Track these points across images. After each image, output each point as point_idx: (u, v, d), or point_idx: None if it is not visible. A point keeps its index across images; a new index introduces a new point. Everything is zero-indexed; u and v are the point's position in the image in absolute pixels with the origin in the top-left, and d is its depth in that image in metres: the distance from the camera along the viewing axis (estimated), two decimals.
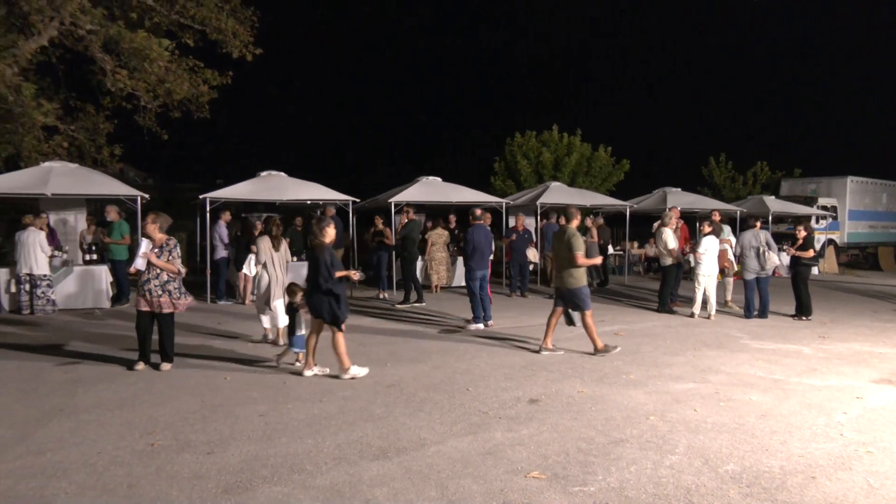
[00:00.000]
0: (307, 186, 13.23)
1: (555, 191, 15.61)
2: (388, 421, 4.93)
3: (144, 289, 6.47)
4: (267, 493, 3.66)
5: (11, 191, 10.84)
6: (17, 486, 3.71)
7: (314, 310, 6.24)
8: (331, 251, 6.22)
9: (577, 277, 7.22)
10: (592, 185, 20.65)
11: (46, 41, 13.32)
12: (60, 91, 15.58)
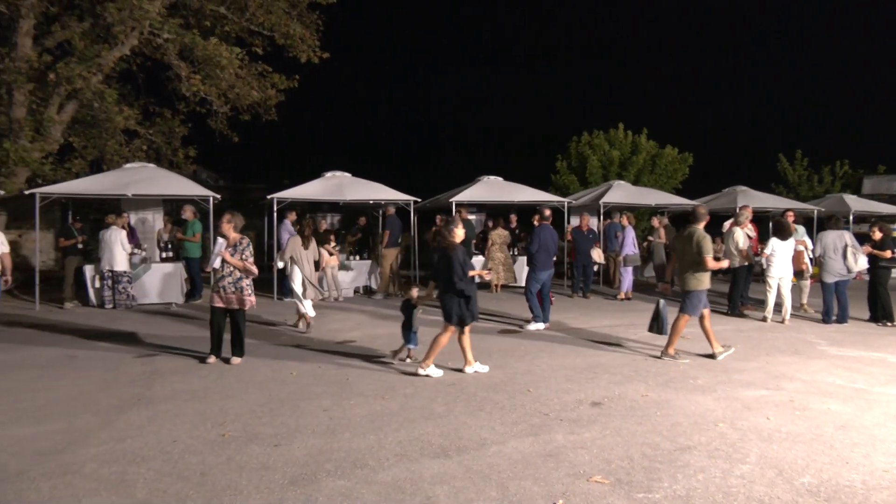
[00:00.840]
0: (370, 186, 13.45)
1: (618, 190, 15.28)
2: (449, 420, 4.95)
3: (219, 286, 6.69)
4: (331, 486, 3.74)
5: (96, 192, 11.54)
6: (101, 470, 3.94)
7: (442, 306, 6.31)
8: (463, 251, 6.27)
9: (701, 280, 6.97)
10: (657, 184, 20.10)
11: (128, 50, 14.08)
12: (140, 97, 16.48)
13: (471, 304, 6.26)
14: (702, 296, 7.01)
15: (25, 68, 13.05)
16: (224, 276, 6.68)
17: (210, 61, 14.11)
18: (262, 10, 15.00)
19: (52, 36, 14.07)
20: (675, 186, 20.86)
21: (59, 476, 3.84)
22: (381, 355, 7.26)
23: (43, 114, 13.69)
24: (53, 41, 14.18)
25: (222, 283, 6.69)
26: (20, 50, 13.25)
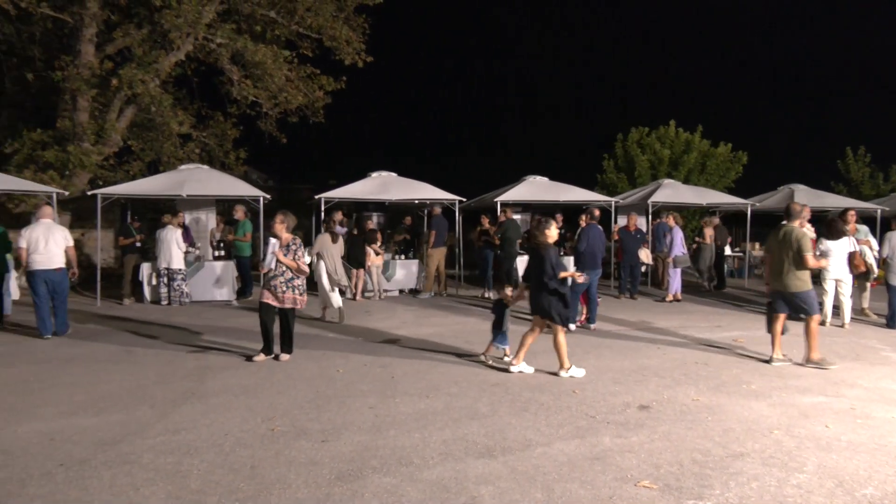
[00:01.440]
0: (416, 186, 13.54)
1: (667, 189, 14.94)
2: (494, 420, 4.94)
3: (271, 284, 6.77)
4: (377, 482, 3.78)
5: (153, 192, 11.98)
6: (158, 460, 4.09)
7: (539, 309, 6.31)
8: (555, 251, 6.29)
9: (805, 280, 6.75)
10: (709, 183, 19.55)
11: (183, 55, 14.58)
12: (194, 101, 17.04)
13: (568, 303, 6.25)
14: (814, 292, 6.83)
15: (88, 75, 13.65)
16: (276, 275, 6.75)
17: (260, 65, 14.47)
18: (311, 13, 15.30)
19: (113, 43, 14.68)
20: (728, 185, 20.26)
21: (118, 465, 4.01)
22: (426, 354, 7.30)
23: (104, 118, 14.29)
24: (114, 48, 14.79)
25: (274, 282, 6.76)
26: (83, 57, 13.87)
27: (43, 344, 7.89)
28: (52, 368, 6.59)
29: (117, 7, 14.61)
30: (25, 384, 5.94)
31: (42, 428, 4.70)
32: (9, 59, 16.03)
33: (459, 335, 8.50)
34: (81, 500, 3.53)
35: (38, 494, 3.60)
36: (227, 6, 14.78)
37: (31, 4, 13.20)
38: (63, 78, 13.52)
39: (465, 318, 9.93)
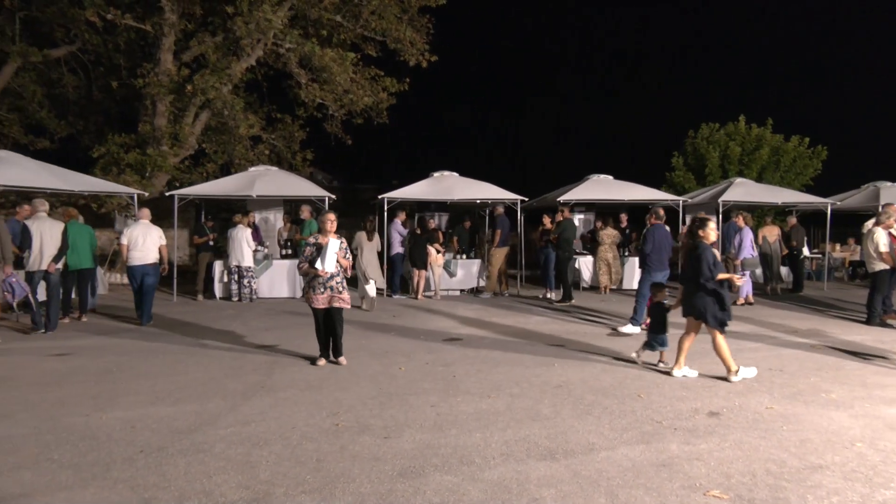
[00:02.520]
0: (478, 186, 13.55)
1: (739, 187, 14.34)
2: (556, 422, 4.88)
3: (327, 285, 6.56)
4: (438, 480, 3.80)
5: (225, 193, 12.48)
6: (229, 451, 4.26)
7: (694, 310, 6.14)
8: (713, 252, 6.11)
9: None
10: (784, 181, 18.63)
11: (254, 61, 15.12)
12: (264, 105, 17.65)
13: (725, 305, 6.02)
14: None
15: (167, 81, 14.37)
16: (333, 275, 6.59)
17: (327, 68, 14.84)
18: (375, 16, 15.57)
19: (189, 51, 15.40)
20: (805, 183, 19.24)
21: (192, 454, 4.20)
22: (488, 354, 7.29)
23: (181, 122, 15.00)
24: (190, 55, 15.51)
25: (331, 282, 6.57)
26: (163, 65, 14.61)
27: (125, 337, 8.35)
28: (133, 360, 6.96)
29: (193, 17, 15.32)
30: (109, 374, 6.31)
31: (124, 416, 4.98)
32: (96, 68, 17.09)
33: (520, 336, 8.45)
34: (159, 485, 3.72)
35: (120, 478, 3.81)
36: (294, 12, 15.22)
37: (117, 16, 14.01)
38: (144, 85, 14.28)
39: (526, 319, 9.86)
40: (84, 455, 4.17)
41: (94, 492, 3.63)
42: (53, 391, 5.68)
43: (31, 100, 16.08)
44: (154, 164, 14.04)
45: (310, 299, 6.63)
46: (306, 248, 6.63)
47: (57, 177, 10.78)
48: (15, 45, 14.43)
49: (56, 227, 8.71)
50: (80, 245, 9.29)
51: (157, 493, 3.61)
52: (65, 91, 16.98)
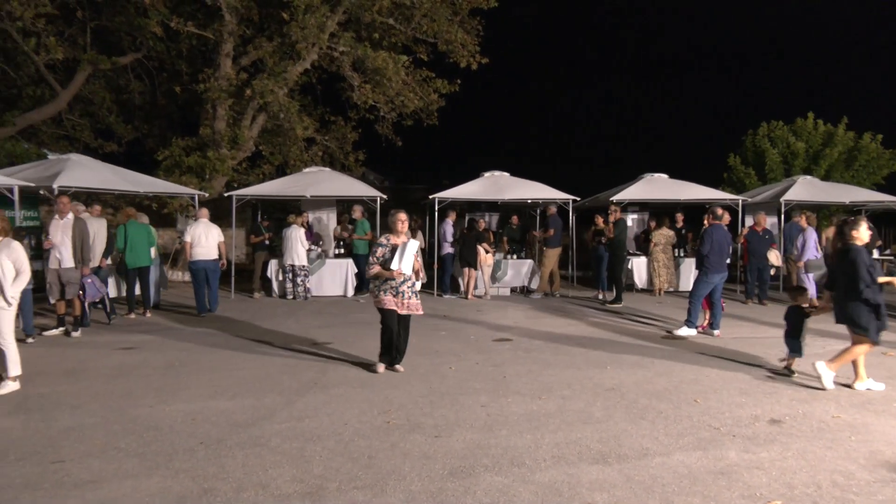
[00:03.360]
0: (528, 186, 13.46)
1: (802, 186, 13.73)
2: (608, 425, 4.79)
3: (399, 290, 6.22)
4: (488, 481, 3.79)
5: (280, 193, 12.81)
6: (284, 445, 4.36)
7: (846, 318, 5.72)
8: (868, 253, 5.66)
9: None
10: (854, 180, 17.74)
11: (309, 64, 15.45)
12: (318, 107, 18.02)
13: (881, 313, 5.55)
14: None
15: (226, 85, 14.85)
16: (406, 279, 6.23)
17: (379, 71, 15.02)
18: (427, 19, 15.66)
19: (247, 56, 15.87)
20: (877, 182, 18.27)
21: (250, 447, 4.32)
22: (538, 355, 7.23)
23: (239, 125, 15.48)
24: (248, 60, 15.98)
25: (402, 287, 6.21)
26: (222, 70, 15.11)
27: (186, 332, 8.67)
28: (193, 355, 7.22)
29: (251, 22, 15.78)
30: (171, 368, 6.56)
31: (185, 408, 5.17)
32: (160, 74, 17.82)
33: (572, 337, 8.34)
34: (218, 476, 3.85)
35: (182, 468, 3.96)
36: (348, 16, 15.47)
37: (179, 24, 14.56)
38: (205, 90, 14.79)
39: (578, 320, 9.73)
40: (148, 445, 4.35)
41: (157, 481, 3.78)
42: (120, 383, 5.95)
43: (101, 105, 16.91)
44: (213, 166, 14.54)
45: (380, 301, 6.25)
46: (378, 248, 6.22)
47: (124, 178, 11.30)
48: (86, 53, 15.19)
49: (103, 225, 9.23)
50: (138, 244, 9.72)
51: (217, 484, 3.73)
52: (131, 97, 17.78)
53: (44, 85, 15.74)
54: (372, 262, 6.24)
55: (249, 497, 3.57)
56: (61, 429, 4.66)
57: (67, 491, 3.63)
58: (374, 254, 6.23)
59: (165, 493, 3.61)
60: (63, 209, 8.28)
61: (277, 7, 14.86)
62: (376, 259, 6.20)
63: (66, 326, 8.37)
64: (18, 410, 5.10)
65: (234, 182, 15.55)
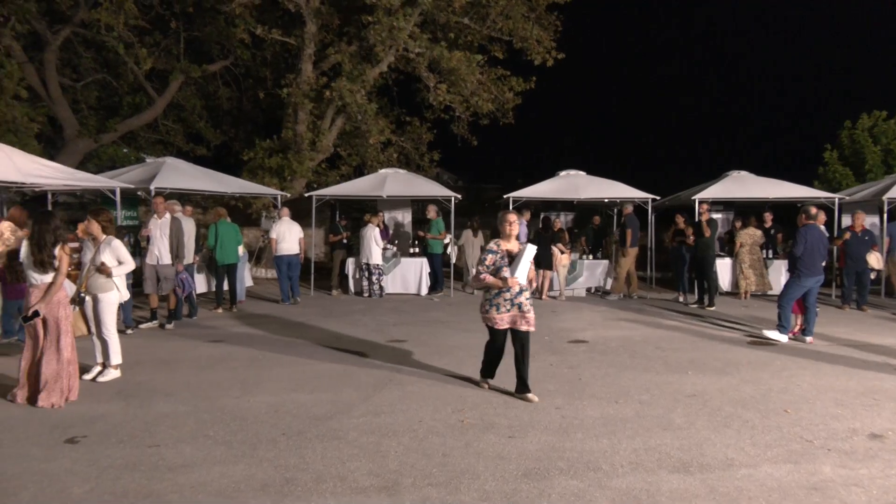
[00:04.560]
0: (605, 185, 13.17)
1: None
2: (690, 433, 4.61)
3: (515, 302, 5.41)
4: (563, 484, 3.74)
5: (357, 193, 13.13)
6: (361, 439, 4.47)
7: None
8: None
9: None
10: None
11: (386, 67, 15.74)
12: (394, 109, 18.33)
13: None
14: None
15: (307, 89, 15.37)
16: (521, 290, 5.45)
17: (455, 71, 15.10)
18: (502, 17, 15.60)
19: (326, 60, 16.36)
20: None
21: (328, 440, 4.45)
22: (615, 358, 7.05)
23: (319, 128, 15.98)
24: (328, 64, 16.47)
25: (519, 299, 5.41)
26: (304, 74, 15.65)
27: (269, 327, 9.04)
28: (276, 348, 7.52)
29: (331, 28, 16.25)
30: (256, 361, 6.86)
31: (268, 400, 5.39)
32: (246, 80, 18.67)
33: (650, 340, 8.09)
34: (299, 467, 3.99)
35: (265, 458, 4.13)
36: (423, 18, 15.65)
37: (264, 32, 15.20)
38: (287, 94, 15.37)
39: (657, 323, 9.42)
40: (235, 434, 4.56)
41: (243, 468, 3.96)
42: (209, 374, 6.28)
43: (192, 111, 17.92)
44: (297, 167, 15.09)
45: (491, 318, 5.45)
46: (487, 255, 5.42)
47: (213, 180, 11.93)
48: (179, 62, 16.12)
49: (193, 224, 9.86)
50: (227, 242, 10.23)
51: (297, 475, 3.87)
52: (219, 102, 18.72)
53: (142, 93, 16.83)
54: (481, 270, 5.44)
55: (328, 488, 3.68)
56: (157, 415, 4.97)
57: (162, 474, 3.87)
58: (482, 262, 5.45)
59: (250, 480, 3.78)
60: (158, 209, 8.84)
61: (357, 11, 15.23)
62: (486, 268, 5.42)
63: (159, 319, 8.92)
64: (119, 396, 5.48)
65: (313, 183, 16.08)
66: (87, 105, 16.71)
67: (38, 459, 4.07)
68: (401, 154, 17.66)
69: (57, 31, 14.74)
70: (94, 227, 6.06)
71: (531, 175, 15.62)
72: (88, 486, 3.69)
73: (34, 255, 5.30)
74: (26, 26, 13.81)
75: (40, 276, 5.32)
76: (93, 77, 16.58)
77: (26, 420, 4.83)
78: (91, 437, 4.47)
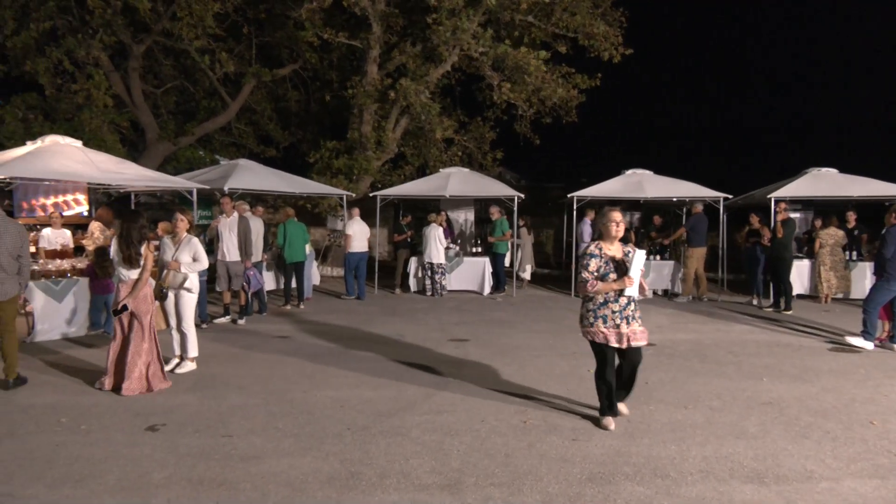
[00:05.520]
0: (673, 183, 12.77)
1: None
2: (764, 442, 4.41)
3: (623, 314, 4.67)
4: (629, 490, 3.65)
5: (420, 193, 13.25)
6: (423, 437, 4.51)
7: None
8: None
9: None
10: None
11: (449, 67, 15.82)
12: (456, 108, 18.39)
13: None
14: None
15: (372, 91, 15.64)
16: (631, 300, 4.74)
17: (519, 69, 15.01)
18: (567, 14, 15.38)
19: (391, 61, 16.58)
20: None
21: (392, 435, 4.52)
22: (683, 362, 6.83)
23: (383, 129, 16.24)
24: (392, 66, 16.69)
25: (626, 311, 4.69)
26: (369, 76, 15.93)
27: (335, 324, 9.25)
28: (341, 344, 7.69)
29: (395, 29, 16.47)
30: (321, 356, 7.04)
31: (334, 395, 5.52)
32: (313, 83, 19.17)
33: (721, 344, 7.78)
34: (363, 461, 4.07)
35: (331, 451, 4.23)
36: (487, 17, 15.62)
37: (331, 35, 15.58)
38: (353, 95, 15.69)
39: (728, 327, 9.05)
40: (302, 427, 4.70)
41: (310, 461, 4.08)
42: (278, 368, 6.49)
43: (262, 114, 18.58)
44: (360, 167, 15.40)
45: (596, 332, 4.71)
46: (590, 260, 4.74)
47: (282, 180, 12.32)
48: (251, 67, 16.74)
49: (262, 224, 10.11)
50: (296, 241, 10.54)
51: (362, 469, 3.95)
52: (288, 105, 19.31)
53: (216, 98, 17.57)
54: (588, 278, 4.70)
55: (391, 484, 3.74)
56: (229, 406, 5.18)
57: (235, 463, 4.03)
58: (585, 267, 4.75)
59: (317, 473, 3.88)
60: (226, 209, 9.22)
61: (421, 13, 15.36)
62: (591, 274, 4.71)
63: (231, 315, 9.28)
64: (195, 388, 5.74)
65: (377, 183, 16.34)
66: (166, 110, 17.62)
67: (122, 445, 4.31)
68: (463, 153, 17.69)
69: (140, 41, 15.59)
70: (181, 226, 6.39)
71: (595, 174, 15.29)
72: (167, 472, 3.89)
73: (123, 252, 5.63)
74: (112, 38, 14.67)
75: (127, 272, 5.65)
76: (172, 83, 17.46)
77: (112, 407, 5.14)
78: (169, 425, 4.71)
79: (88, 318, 8.11)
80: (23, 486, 3.68)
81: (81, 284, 7.97)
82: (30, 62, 13.92)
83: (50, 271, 7.90)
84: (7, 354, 5.66)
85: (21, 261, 5.71)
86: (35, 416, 4.88)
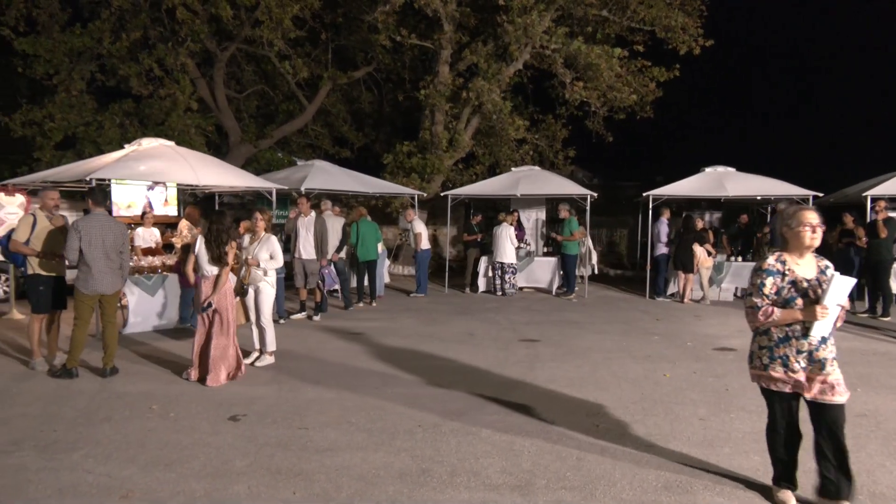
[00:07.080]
0: (757, 181, 12.17)
1: None
2: (858, 456, 4.12)
3: (814, 357, 3.38)
4: (709, 501, 3.51)
5: (491, 192, 13.23)
6: (494, 437, 4.50)
7: None
8: None
9: None
10: None
11: (521, 65, 15.71)
12: (528, 107, 18.23)
13: None
14: None
15: (444, 90, 15.76)
16: (824, 339, 3.43)
17: (593, 66, 14.71)
18: (643, 6, 14.96)
19: (462, 61, 16.65)
20: None
21: (462, 434, 4.53)
22: None
23: (455, 128, 16.32)
24: (464, 65, 16.75)
25: (818, 352, 3.40)
26: (441, 76, 16.06)
27: (406, 321, 9.37)
28: (413, 343, 7.78)
29: (467, 29, 16.52)
30: (393, 353, 7.16)
31: (405, 392, 5.60)
32: (386, 84, 19.53)
33: None
34: (434, 458, 4.10)
35: (402, 448, 4.30)
36: (560, 13, 15.41)
37: (404, 37, 15.80)
38: (425, 95, 15.85)
39: None
40: (374, 422, 4.79)
41: (382, 456, 4.15)
42: (351, 364, 6.64)
43: (337, 116, 19.10)
44: (433, 167, 15.55)
45: (770, 378, 3.50)
46: (766, 278, 3.44)
47: (356, 181, 12.62)
48: (328, 70, 17.23)
49: (340, 223, 10.27)
50: (368, 240, 10.74)
51: (433, 466, 3.98)
52: (362, 107, 19.76)
53: (294, 101, 18.20)
54: (758, 304, 3.45)
55: (462, 482, 3.75)
56: (306, 399, 5.35)
57: (310, 455, 4.16)
58: (759, 287, 3.45)
59: (389, 468, 3.95)
60: (303, 208, 9.50)
61: (492, 11, 15.33)
62: (765, 298, 3.44)
63: (307, 311, 9.58)
64: (273, 381, 5.97)
65: (448, 182, 16.45)
66: (248, 114, 18.41)
67: (206, 433, 4.54)
68: (535, 152, 17.53)
69: (224, 48, 16.36)
70: (261, 225, 6.67)
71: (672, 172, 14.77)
72: (248, 460, 4.06)
73: (210, 250, 5.93)
74: (199, 45, 15.46)
75: (212, 269, 5.94)
76: (253, 88, 18.22)
77: (197, 397, 5.42)
78: (249, 416, 4.92)
79: (178, 312, 8.58)
80: (119, 468, 3.94)
81: (171, 280, 8.44)
82: (122, 68, 14.86)
83: (143, 267, 8.41)
84: (108, 344, 6.09)
85: (122, 257, 6.14)
86: (130, 403, 5.21)
